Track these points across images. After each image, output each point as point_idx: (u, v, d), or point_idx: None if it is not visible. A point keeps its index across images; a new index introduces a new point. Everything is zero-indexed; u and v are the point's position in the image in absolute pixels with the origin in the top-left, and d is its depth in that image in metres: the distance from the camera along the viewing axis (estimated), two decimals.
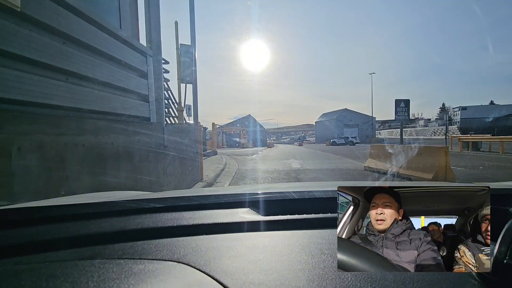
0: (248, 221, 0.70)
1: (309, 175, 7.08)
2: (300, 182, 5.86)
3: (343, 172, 7.49)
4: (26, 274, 0.45)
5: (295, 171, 7.88)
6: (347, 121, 54.17)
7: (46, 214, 0.74)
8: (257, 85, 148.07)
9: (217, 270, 0.47)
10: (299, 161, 10.79)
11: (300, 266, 0.47)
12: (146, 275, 0.45)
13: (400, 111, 12.13)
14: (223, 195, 0.87)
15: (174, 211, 0.76)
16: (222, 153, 16.68)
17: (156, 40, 4.16)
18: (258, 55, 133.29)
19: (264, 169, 8.50)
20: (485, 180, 6.06)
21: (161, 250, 0.55)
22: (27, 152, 1.88)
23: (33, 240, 0.60)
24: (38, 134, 1.99)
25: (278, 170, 8.06)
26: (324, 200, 0.80)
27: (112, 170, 2.77)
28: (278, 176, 6.78)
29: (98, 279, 0.43)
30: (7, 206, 0.79)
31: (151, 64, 4.03)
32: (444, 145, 10.02)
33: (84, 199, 0.93)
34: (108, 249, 0.56)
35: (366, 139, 46.27)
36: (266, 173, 7.48)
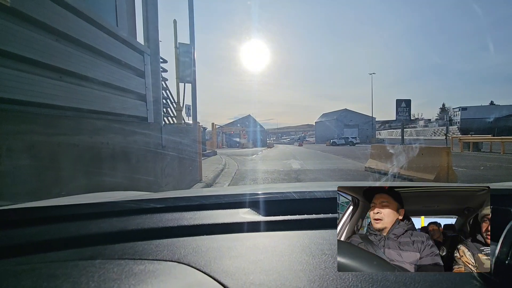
0: (249, 222, 0.69)
1: (309, 175, 7.04)
2: (300, 182, 5.89)
3: (344, 173, 7.45)
4: (26, 274, 0.45)
5: (296, 171, 7.83)
6: (347, 121, 54.11)
7: (47, 214, 0.74)
8: (257, 85, 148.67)
9: (217, 271, 0.46)
10: (299, 162, 10.74)
11: (301, 267, 0.47)
12: (146, 275, 0.45)
13: (401, 111, 12.14)
14: (224, 195, 0.86)
15: (175, 212, 0.76)
16: (222, 153, 16.64)
17: (154, 38, 4.11)
18: (258, 55, 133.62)
19: (264, 169, 8.45)
20: (487, 180, 5.99)
21: (161, 250, 0.55)
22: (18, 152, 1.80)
23: (34, 240, 0.60)
24: (29, 134, 1.91)
25: (278, 170, 8.01)
26: (324, 200, 0.80)
27: (108, 170, 2.70)
28: (278, 177, 6.74)
29: (98, 280, 0.43)
30: (8, 206, 0.79)
31: (149, 63, 3.98)
32: (444, 145, 9.93)
33: (84, 199, 0.93)
34: (108, 249, 0.56)
35: (366, 140, 46.24)
36: (266, 174, 7.46)
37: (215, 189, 1.57)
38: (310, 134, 72.69)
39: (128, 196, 0.98)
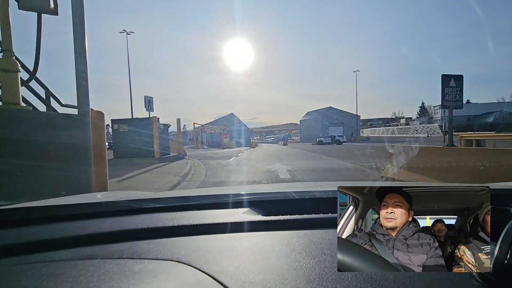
0: (248, 221, 0.69)
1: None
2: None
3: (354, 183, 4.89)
4: (26, 273, 0.45)
5: (286, 184, 5.16)
6: (332, 119, 52.86)
7: (46, 214, 0.74)
8: (241, 85, 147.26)
9: (217, 270, 0.47)
10: (287, 167, 8.21)
11: (300, 267, 0.48)
12: (146, 275, 0.45)
13: (450, 93, 6.27)
14: (223, 195, 0.88)
15: (174, 211, 0.77)
16: (194, 156, 13.79)
17: None
18: (243, 55, 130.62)
19: (240, 181, 5.78)
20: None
21: (161, 250, 0.55)
22: None
23: (33, 240, 0.60)
24: None
25: (259, 181, 5.38)
26: (324, 200, 0.80)
27: None
28: None
29: (98, 279, 0.43)
30: (7, 206, 0.78)
31: None
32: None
33: (84, 199, 0.95)
34: (108, 248, 0.56)
35: (351, 138, 45.13)
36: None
37: (215, 189, 1.32)
38: (294, 133, 72.27)
39: (127, 196, 0.98)
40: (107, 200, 0.89)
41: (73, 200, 0.86)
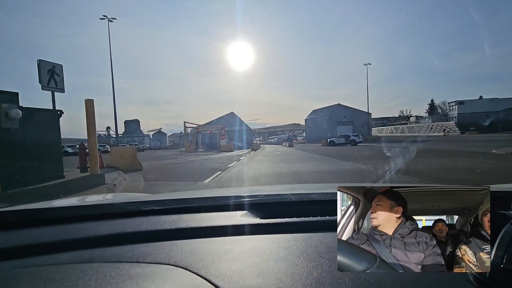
0: (246, 224, 0.70)
1: None
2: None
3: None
4: (24, 277, 0.45)
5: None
6: (341, 117, 48.09)
7: (44, 216, 0.74)
8: (243, 86, 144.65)
9: (214, 274, 0.47)
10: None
11: (298, 270, 0.49)
12: (143, 278, 0.45)
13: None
14: (222, 197, 0.87)
15: (172, 214, 0.77)
16: (149, 171, 8.56)
17: None
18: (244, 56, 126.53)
19: None
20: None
21: (158, 253, 0.56)
22: None
23: (31, 243, 0.60)
24: None
25: None
26: (322, 202, 0.81)
27: None
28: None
29: (95, 283, 0.43)
30: (5, 208, 0.77)
31: None
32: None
33: (82, 202, 0.95)
34: (106, 252, 0.56)
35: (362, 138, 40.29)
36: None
37: (213, 191, 1.36)
38: (297, 133, 67.96)
39: (126, 198, 0.98)
40: (106, 202, 0.90)
41: (71, 202, 0.87)
